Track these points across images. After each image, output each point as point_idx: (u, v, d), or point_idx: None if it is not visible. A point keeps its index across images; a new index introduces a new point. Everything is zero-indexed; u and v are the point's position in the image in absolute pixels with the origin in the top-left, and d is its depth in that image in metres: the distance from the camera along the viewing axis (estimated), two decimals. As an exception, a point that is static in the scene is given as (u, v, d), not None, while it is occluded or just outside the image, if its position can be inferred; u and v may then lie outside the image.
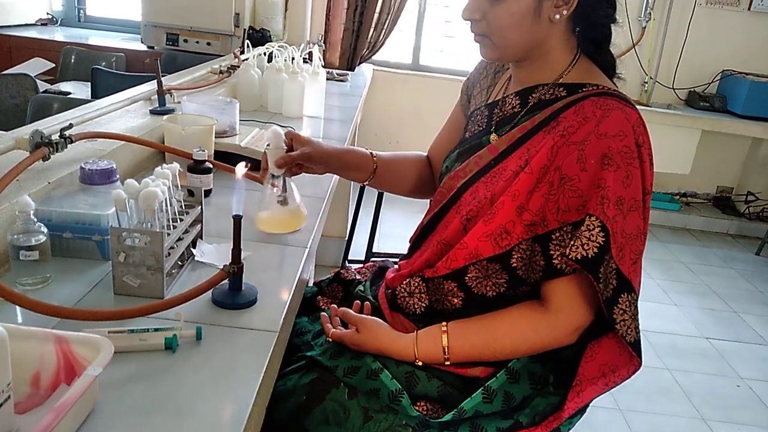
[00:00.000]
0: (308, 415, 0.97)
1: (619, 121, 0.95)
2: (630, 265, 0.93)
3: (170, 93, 1.78)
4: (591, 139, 0.94)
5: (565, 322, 0.96)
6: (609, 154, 0.93)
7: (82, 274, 0.95)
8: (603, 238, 0.90)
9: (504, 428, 0.96)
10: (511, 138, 1.05)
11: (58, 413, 0.57)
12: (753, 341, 2.88)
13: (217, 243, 1.08)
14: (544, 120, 1.02)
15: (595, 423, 2.16)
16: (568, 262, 0.93)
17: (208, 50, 3.43)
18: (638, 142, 0.95)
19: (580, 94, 1.01)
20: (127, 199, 0.88)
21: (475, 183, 1.06)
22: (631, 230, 0.94)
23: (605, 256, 0.91)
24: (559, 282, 0.96)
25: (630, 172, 0.93)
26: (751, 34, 4.11)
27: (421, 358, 1.00)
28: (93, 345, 0.68)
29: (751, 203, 4.40)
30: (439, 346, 0.99)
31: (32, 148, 1.08)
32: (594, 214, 0.91)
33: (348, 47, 3.79)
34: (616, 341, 0.96)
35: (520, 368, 1.00)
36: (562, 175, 0.95)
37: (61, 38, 3.77)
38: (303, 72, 2.15)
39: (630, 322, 0.93)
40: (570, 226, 0.93)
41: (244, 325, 0.86)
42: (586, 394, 0.95)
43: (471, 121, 1.18)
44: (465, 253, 1.00)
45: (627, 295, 0.92)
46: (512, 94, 1.09)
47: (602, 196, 0.91)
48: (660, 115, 3.95)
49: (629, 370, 0.95)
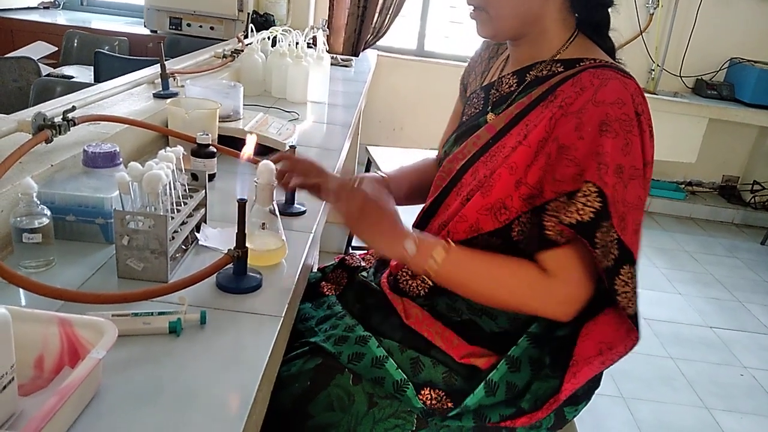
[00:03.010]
0: (313, 401, 0.96)
1: (617, 89, 0.93)
2: (632, 235, 0.90)
3: (174, 77, 1.77)
4: (588, 107, 0.92)
5: (557, 289, 0.93)
6: (607, 121, 0.90)
7: (85, 257, 0.94)
8: (600, 203, 0.88)
9: (507, 415, 0.95)
10: (508, 115, 1.03)
11: (61, 396, 0.57)
12: (757, 331, 2.88)
13: (221, 227, 1.08)
14: (541, 95, 1.00)
15: (598, 411, 2.15)
16: (564, 231, 0.90)
17: (211, 34, 3.41)
18: (637, 111, 0.93)
19: (578, 68, 0.99)
20: (131, 182, 0.87)
21: (475, 163, 1.04)
22: (632, 200, 0.91)
23: (602, 222, 0.88)
24: (552, 252, 0.93)
25: (629, 139, 0.91)
26: (760, 21, 4.07)
27: (409, 259, 0.96)
28: (97, 328, 0.68)
29: (757, 193, 4.37)
30: (430, 257, 0.95)
31: (35, 130, 1.07)
32: (591, 180, 0.89)
33: (352, 32, 3.76)
34: (612, 317, 0.93)
35: (520, 355, 0.98)
36: (560, 144, 0.93)
37: (64, 22, 3.75)
38: (307, 57, 2.14)
39: (632, 294, 0.90)
40: (565, 196, 0.91)
41: (248, 309, 0.85)
42: (582, 375, 0.93)
43: (468, 105, 1.16)
44: (465, 225, 0.99)
45: (629, 266, 0.89)
46: (509, 74, 1.08)
47: (599, 162, 0.89)
48: (667, 103, 3.92)
49: (627, 346, 0.92)
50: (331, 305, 1.13)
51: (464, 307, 1.03)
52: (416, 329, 1.03)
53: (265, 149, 1.50)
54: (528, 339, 0.99)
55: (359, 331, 1.03)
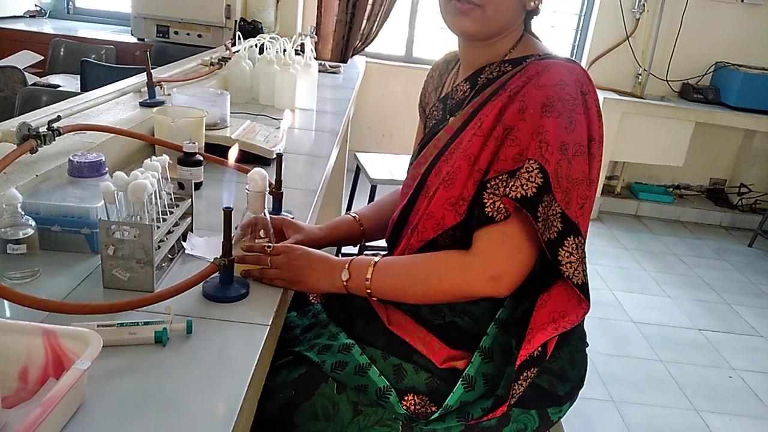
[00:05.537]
0: (297, 411, 0.96)
1: (560, 72, 0.97)
2: (577, 209, 0.93)
3: (160, 85, 1.77)
4: (531, 91, 0.96)
5: (479, 266, 0.95)
6: (548, 102, 0.94)
7: (70, 267, 0.94)
8: (541, 179, 0.91)
9: (488, 407, 0.96)
10: (464, 115, 1.08)
11: (45, 407, 0.56)
12: (745, 332, 2.90)
13: (208, 236, 1.07)
14: (492, 92, 1.05)
15: (588, 415, 2.16)
16: (505, 203, 0.93)
17: (199, 42, 3.40)
18: (582, 91, 0.97)
19: (524, 64, 1.04)
20: (116, 192, 0.87)
21: (437, 164, 1.07)
22: (577, 174, 0.94)
23: (544, 197, 0.91)
24: (486, 229, 0.95)
25: (573, 118, 0.94)
26: (744, 26, 4.12)
27: (348, 286, 1.01)
28: (81, 339, 0.67)
29: (744, 195, 4.41)
30: (364, 278, 1.00)
31: (19, 140, 1.06)
32: (533, 158, 0.92)
33: (340, 39, 3.78)
34: (565, 288, 0.96)
35: (491, 344, 1.00)
36: (505, 126, 0.97)
37: (50, 30, 3.73)
38: (295, 64, 2.14)
39: (577, 264, 0.92)
40: (506, 174, 0.94)
41: (235, 318, 0.85)
42: (536, 340, 0.94)
43: (428, 118, 1.21)
44: (433, 222, 1.02)
45: (574, 238, 0.92)
46: (462, 82, 1.13)
47: (540, 140, 0.93)
48: (654, 107, 3.96)
49: (578, 315, 0.95)
50: (317, 313, 1.13)
51: (446, 309, 1.04)
52: (399, 334, 1.03)
53: (252, 157, 1.50)
54: (496, 326, 1.01)
55: (343, 339, 1.04)
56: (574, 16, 4.31)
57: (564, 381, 1.03)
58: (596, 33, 4.18)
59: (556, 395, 1.02)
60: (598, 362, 2.44)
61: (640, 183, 4.51)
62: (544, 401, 1.01)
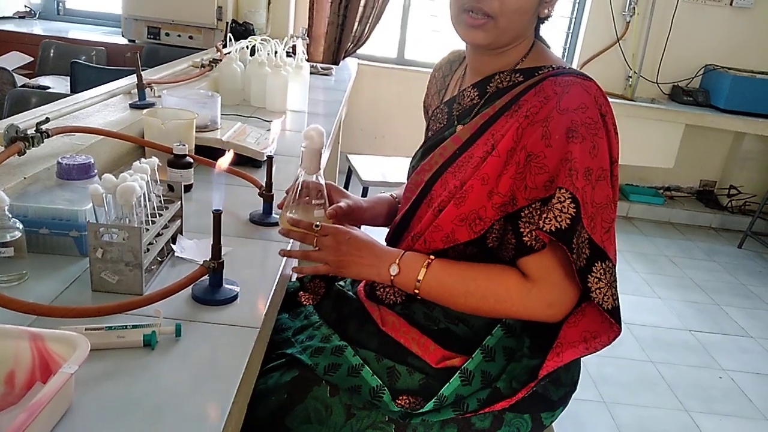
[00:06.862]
0: (290, 414, 0.96)
1: (580, 94, 0.96)
2: (602, 234, 0.93)
3: (150, 87, 1.76)
4: (553, 116, 0.95)
5: (539, 293, 0.95)
6: (573, 128, 0.93)
7: (59, 270, 0.93)
8: (574, 209, 0.91)
9: (484, 398, 0.96)
10: (473, 126, 1.05)
11: (31, 412, 0.56)
12: (735, 333, 2.91)
13: (198, 239, 1.07)
14: (504, 105, 1.03)
15: (580, 416, 2.17)
16: (540, 236, 0.93)
17: (190, 44, 3.39)
18: (602, 112, 0.96)
19: (537, 77, 1.03)
20: (105, 194, 0.87)
21: (443, 174, 1.06)
22: (601, 199, 0.94)
23: (577, 227, 0.91)
24: (533, 257, 0.96)
25: (596, 142, 0.94)
26: (733, 29, 4.14)
27: (395, 281, 1.00)
28: (69, 342, 0.67)
29: (734, 197, 4.44)
30: (414, 278, 0.99)
31: (7, 142, 1.05)
32: (563, 186, 0.91)
33: (332, 41, 3.77)
34: (598, 309, 0.95)
35: (495, 344, 1.00)
36: (528, 152, 0.95)
37: (40, 31, 3.70)
38: (286, 66, 2.13)
39: (606, 289, 0.92)
40: (539, 203, 0.94)
41: (224, 321, 0.85)
42: (566, 355, 0.95)
43: (432, 121, 1.19)
44: (441, 235, 1.01)
45: (601, 263, 0.92)
46: (469, 87, 1.10)
47: (570, 168, 0.92)
48: (644, 109, 3.98)
49: (609, 337, 0.95)
50: (308, 315, 1.13)
51: (441, 316, 1.03)
52: (392, 336, 1.03)
53: (243, 159, 1.50)
54: (503, 329, 1.01)
55: (335, 341, 1.03)
56: (564, 18, 4.33)
57: (558, 386, 1.03)
58: (587, 36, 4.20)
59: (550, 400, 1.02)
60: (590, 364, 2.44)
61: (630, 185, 4.53)
62: (538, 406, 1.01)
